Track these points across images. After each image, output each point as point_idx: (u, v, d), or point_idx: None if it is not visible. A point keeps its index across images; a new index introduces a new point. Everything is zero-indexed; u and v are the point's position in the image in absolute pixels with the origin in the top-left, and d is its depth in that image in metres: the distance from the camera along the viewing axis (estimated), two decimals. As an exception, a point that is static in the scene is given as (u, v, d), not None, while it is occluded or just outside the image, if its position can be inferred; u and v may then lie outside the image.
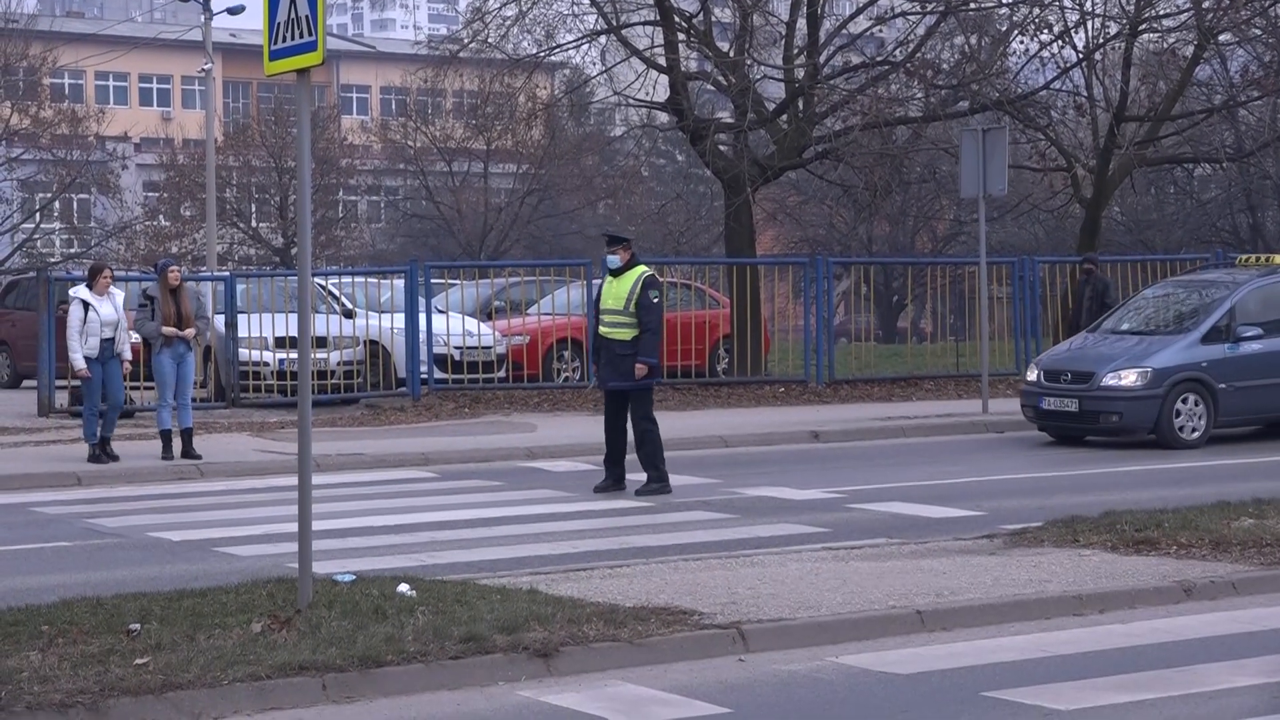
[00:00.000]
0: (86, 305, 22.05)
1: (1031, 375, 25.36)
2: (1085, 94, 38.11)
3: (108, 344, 22.15)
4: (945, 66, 36.08)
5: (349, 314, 30.00)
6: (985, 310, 29.90)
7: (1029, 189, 46.70)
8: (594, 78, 41.72)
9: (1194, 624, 12.67)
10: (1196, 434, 24.10)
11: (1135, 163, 38.31)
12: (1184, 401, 24.04)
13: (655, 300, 19.63)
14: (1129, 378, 24.10)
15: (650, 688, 10.98)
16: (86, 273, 23.24)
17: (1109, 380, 24.14)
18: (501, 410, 28.56)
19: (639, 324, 19.46)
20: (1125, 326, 25.86)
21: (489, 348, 30.45)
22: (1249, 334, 24.58)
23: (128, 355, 22.42)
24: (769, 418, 27.67)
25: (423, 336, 29.50)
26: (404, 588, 12.76)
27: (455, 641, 11.35)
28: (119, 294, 22.82)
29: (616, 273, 19.71)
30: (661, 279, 19.91)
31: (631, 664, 11.47)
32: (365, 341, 29.72)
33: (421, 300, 29.77)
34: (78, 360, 22.03)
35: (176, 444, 22.63)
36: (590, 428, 25.75)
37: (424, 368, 29.55)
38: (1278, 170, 50.46)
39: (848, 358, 35.00)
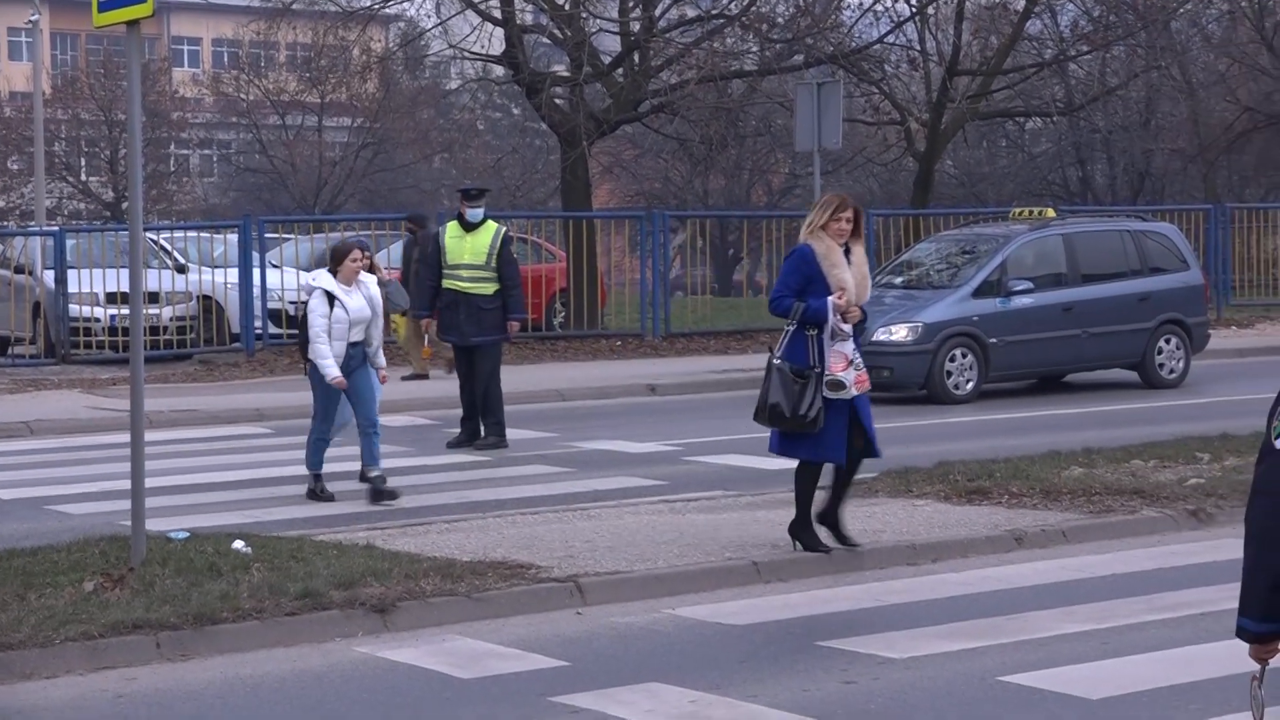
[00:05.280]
0: (332, 298, 16.02)
1: None
2: (918, 48, 38.46)
3: (356, 348, 16.19)
4: (780, 20, 36.20)
5: (181, 269, 29.71)
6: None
7: (863, 142, 47.04)
8: (429, 31, 41.50)
9: (1025, 572, 12.84)
10: (967, 389, 23.89)
11: (967, 116, 38.75)
12: (954, 357, 23.78)
13: (517, 256, 19.69)
14: (899, 332, 23.82)
15: (488, 641, 10.97)
16: (329, 256, 16.58)
17: (879, 335, 23.60)
18: (337, 365, 28.35)
19: (502, 279, 19.43)
20: (898, 281, 25.62)
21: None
22: (1020, 288, 24.34)
23: (382, 362, 16.50)
24: (605, 371, 27.70)
25: (257, 291, 29.26)
26: (239, 544, 12.67)
27: (291, 598, 11.28)
28: (370, 281, 16.41)
29: (470, 227, 19.61)
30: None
31: (469, 618, 11.47)
32: (198, 296, 29.44)
33: (255, 255, 29.52)
34: (331, 369, 15.88)
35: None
36: (428, 383, 25.68)
37: (258, 323, 29.32)
38: (1106, 124, 51.19)
39: (684, 311, 35.10)
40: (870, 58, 36.93)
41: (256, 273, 29.27)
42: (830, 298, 12.73)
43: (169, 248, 30.65)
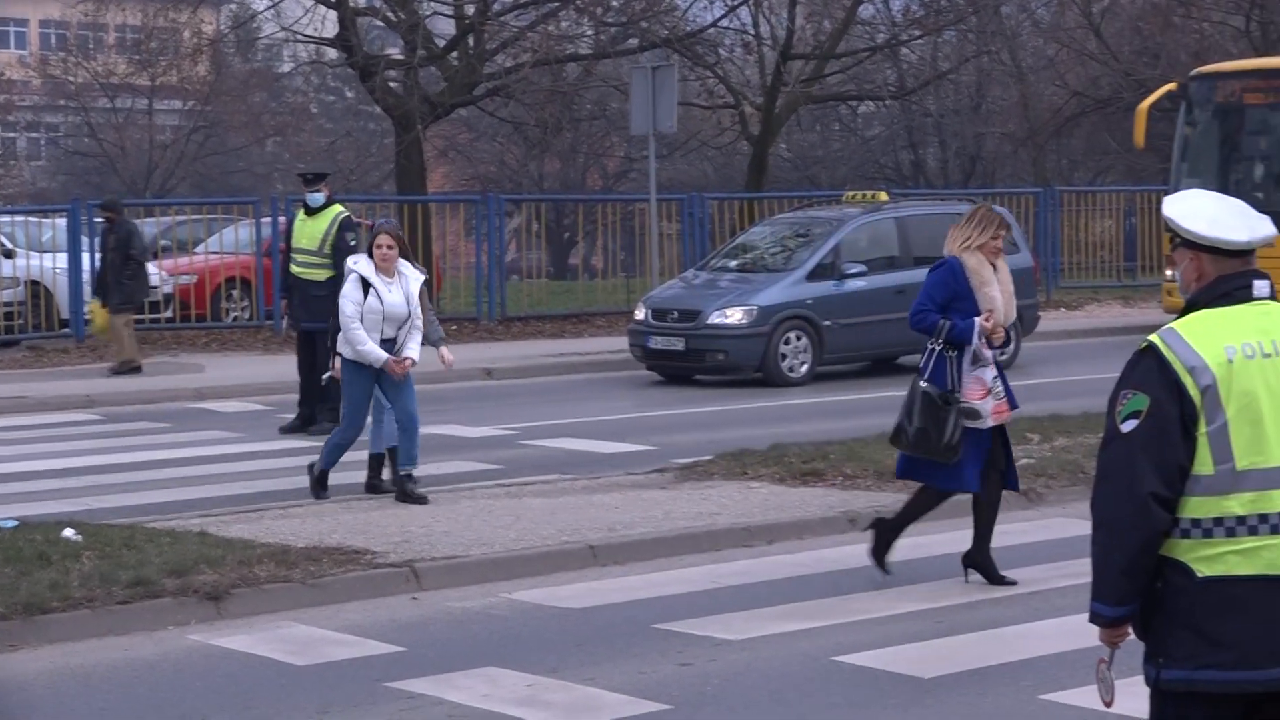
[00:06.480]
0: (367, 286, 14.68)
1: (639, 314, 24.88)
2: (752, 32, 38.61)
3: (387, 346, 14.79)
4: (615, 4, 36.19)
5: (9, 254, 29.29)
6: (655, 247, 30.16)
7: (698, 126, 47.16)
8: (261, 13, 41.12)
9: (860, 553, 12.89)
10: (802, 371, 23.92)
11: (801, 100, 38.98)
12: (789, 339, 23.79)
13: (353, 243, 19.44)
14: (735, 316, 23.79)
15: (323, 628, 10.92)
16: (368, 235, 15.19)
17: (715, 319, 23.76)
18: (169, 351, 28.11)
19: (334, 266, 19.24)
20: (733, 264, 25.63)
21: (155, 287, 29.88)
22: (853, 271, 24.39)
23: (415, 355, 15.06)
24: (441, 355, 27.57)
25: (86, 276, 28.88)
26: (69, 532, 12.51)
27: (123, 586, 11.16)
28: (413, 276, 15.12)
29: (312, 212, 19.43)
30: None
31: (304, 605, 11.41)
32: (26, 282, 29.04)
33: (85, 239, 29.15)
34: (375, 351, 14.64)
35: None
36: (260, 368, 25.51)
37: (87, 309, 28.94)
38: (938, 108, 51.68)
39: (520, 295, 35.05)
40: (705, 41, 37.06)
41: (86, 258, 28.91)
42: (978, 319, 11.85)
43: (-4, 232, 30.18)
